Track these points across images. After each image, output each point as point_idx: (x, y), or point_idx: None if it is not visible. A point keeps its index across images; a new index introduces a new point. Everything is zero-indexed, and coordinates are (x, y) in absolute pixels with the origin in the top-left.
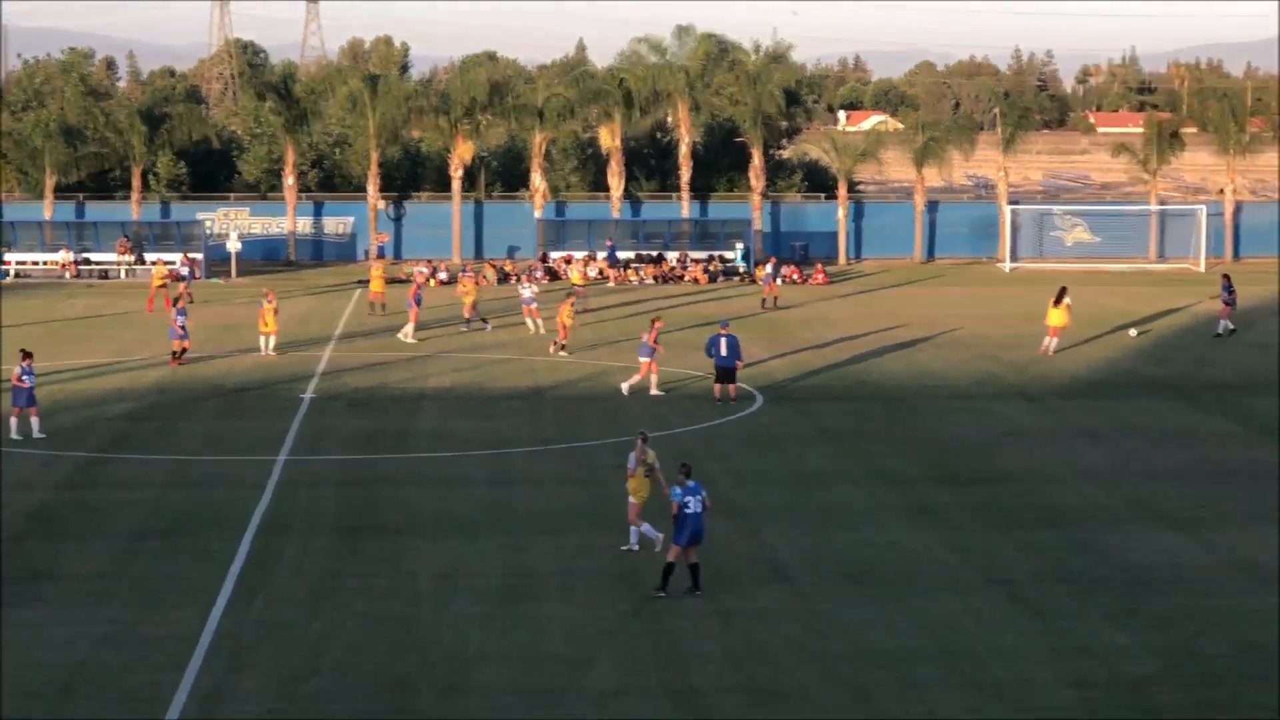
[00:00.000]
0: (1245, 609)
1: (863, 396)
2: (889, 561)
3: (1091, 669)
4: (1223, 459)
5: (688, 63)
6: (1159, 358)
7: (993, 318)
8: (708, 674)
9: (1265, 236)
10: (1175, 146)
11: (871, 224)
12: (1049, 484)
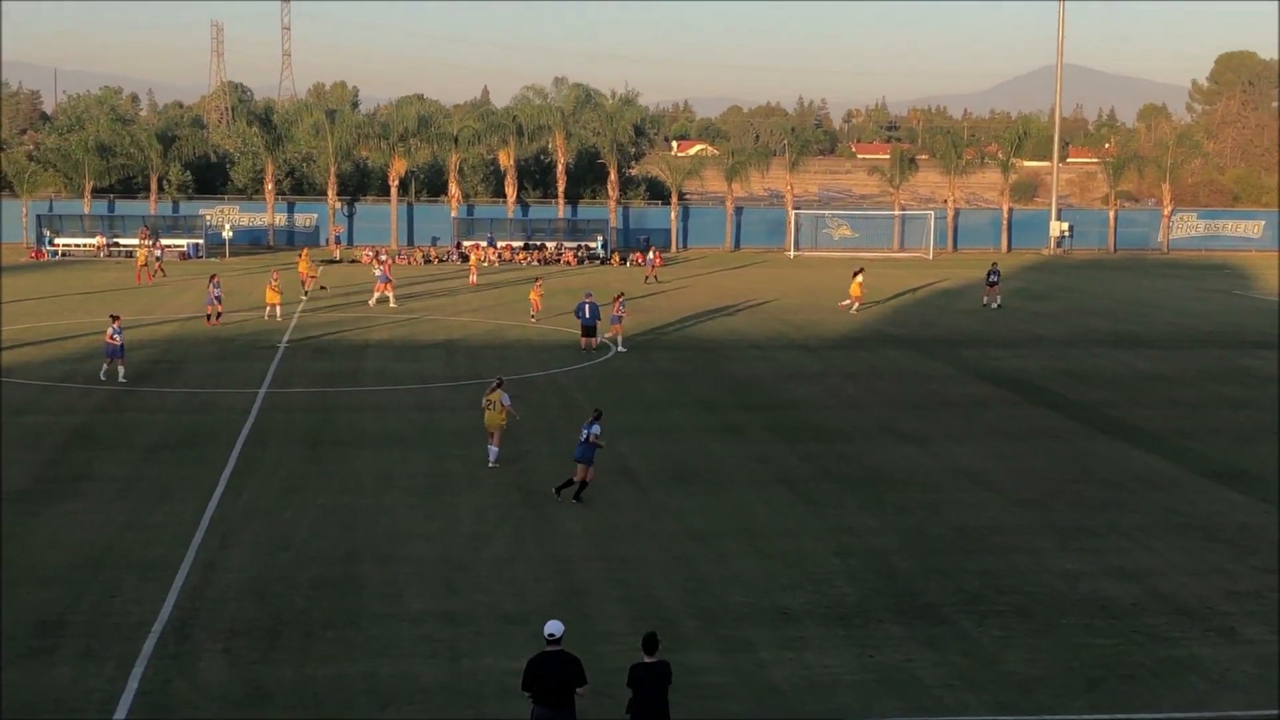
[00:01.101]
0: (960, 501)
1: (689, 347)
2: (706, 465)
3: (850, 543)
4: (944, 393)
5: (563, 104)
6: (899, 321)
7: (781, 291)
8: (575, 547)
9: (977, 234)
10: (912, 169)
11: (695, 223)
12: (820, 410)
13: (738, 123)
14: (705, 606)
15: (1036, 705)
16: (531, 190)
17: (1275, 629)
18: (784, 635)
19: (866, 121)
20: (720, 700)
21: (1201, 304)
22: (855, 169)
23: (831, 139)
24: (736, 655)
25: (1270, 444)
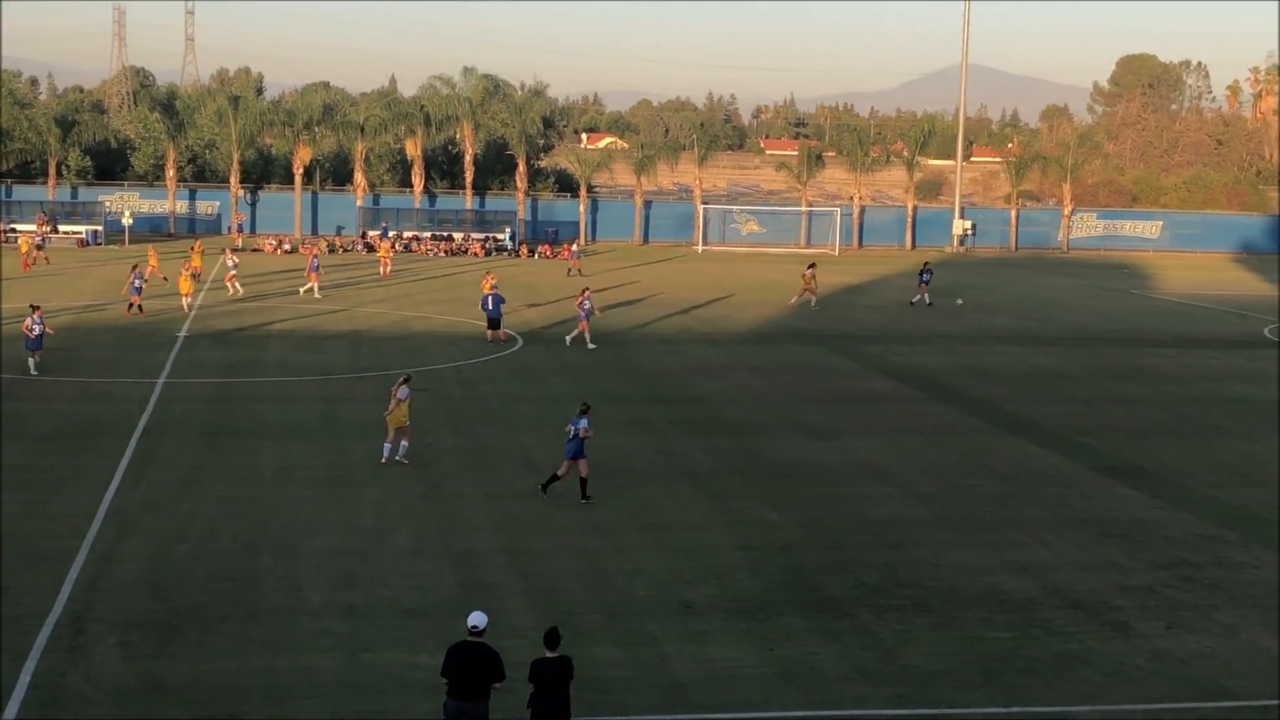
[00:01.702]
0: (862, 495)
1: (596, 341)
2: (611, 458)
3: (753, 536)
4: (847, 387)
5: (471, 95)
6: (805, 315)
7: (689, 285)
8: (478, 540)
9: (882, 231)
10: (820, 165)
11: (604, 216)
12: (726, 404)
13: (647, 116)
14: (608, 600)
15: (935, 698)
16: (439, 181)
17: (1168, 623)
18: (686, 629)
19: (775, 118)
20: (622, 694)
21: (1100, 303)
22: (763, 165)
23: (740, 135)
24: (639, 649)
25: (1165, 441)
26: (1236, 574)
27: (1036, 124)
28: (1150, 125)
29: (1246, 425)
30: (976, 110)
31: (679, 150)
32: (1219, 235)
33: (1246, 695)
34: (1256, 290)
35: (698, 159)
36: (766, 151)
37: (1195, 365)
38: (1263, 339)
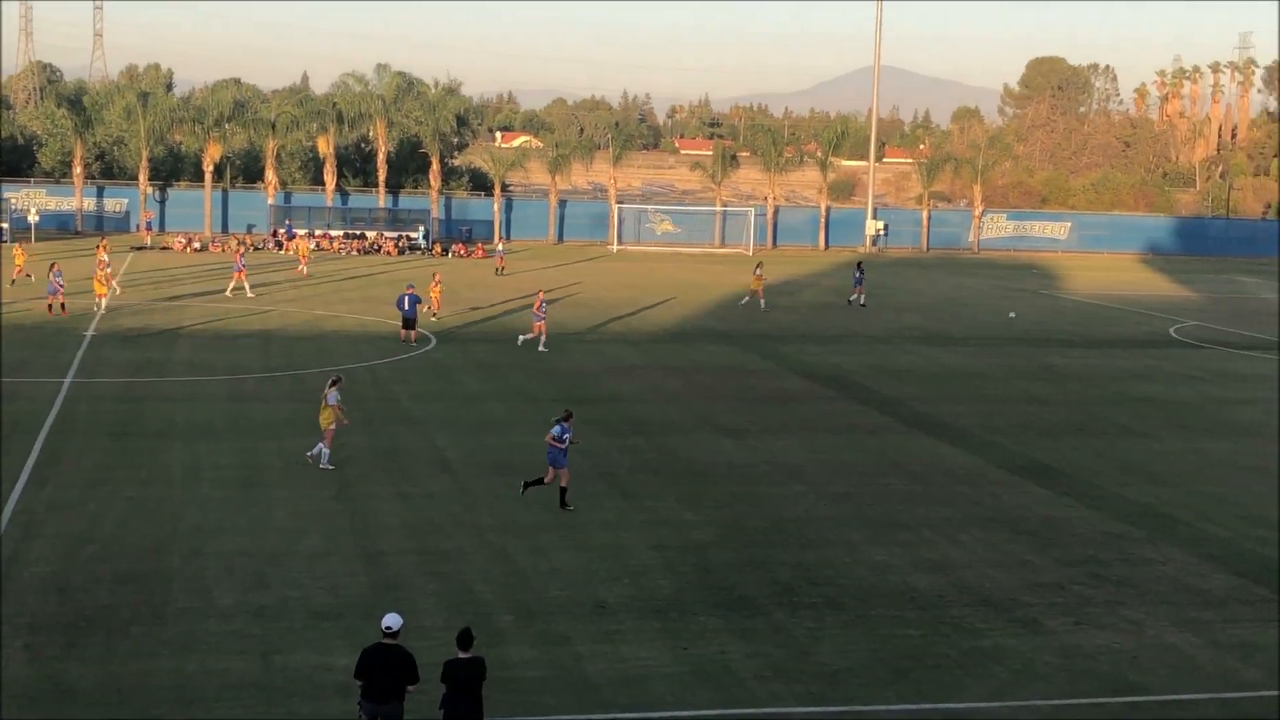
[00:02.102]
0: (775, 495)
1: (511, 340)
2: (525, 458)
3: (668, 536)
4: (762, 387)
5: (384, 92)
6: (720, 315)
7: (604, 285)
8: (390, 540)
9: (796, 231)
10: (734, 165)
11: (518, 214)
12: (641, 403)
13: (562, 115)
14: (522, 600)
15: (847, 696)
16: (351, 179)
17: (1076, 620)
18: (600, 629)
19: (689, 118)
20: (536, 694)
21: (1010, 303)
22: (678, 164)
23: (655, 134)
24: (553, 649)
25: (1073, 440)
26: (1143, 570)
27: (948, 126)
28: (1059, 127)
29: (1153, 425)
30: (889, 111)
31: (594, 149)
32: (1126, 236)
33: (1153, 690)
34: (1163, 291)
35: (612, 158)
36: (681, 151)
37: (1103, 365)
38: (1169, 339)
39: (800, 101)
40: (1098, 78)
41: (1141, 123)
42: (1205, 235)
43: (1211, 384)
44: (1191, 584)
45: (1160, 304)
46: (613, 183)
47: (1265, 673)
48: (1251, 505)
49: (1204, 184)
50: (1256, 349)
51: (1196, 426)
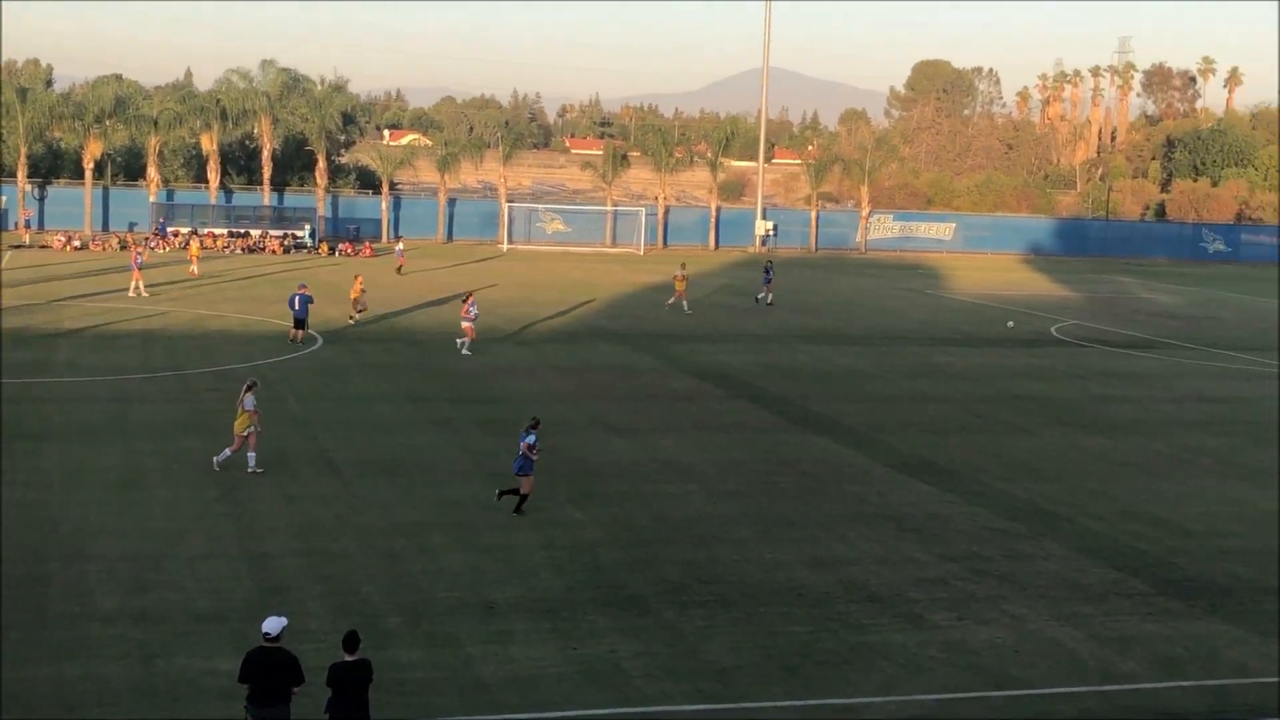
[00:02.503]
0: (664, 492)
1: (399, 340)
2: (414, 458)
3: (557, 535)
4: (652, 386)
5: (269, 89)
6: (611, 315)
7: (494, 284)
8: (275, 543)
9: (686, 231)
10: (625, 165)
11: (407, 213)
12: (531, 403)
13: (451, 113)
14: (410, 602)
15: (736, 693)
16: (236, 176)
17: (959, 615)
18: (489, 629)
19: (580, 117)
20: (424, 696)
21: (896, 302)
22: (569, 164)
23: (545, 133)
24: (441, 650)
25: (957, 437)
26: (1025, 566)
27: (836, 127)
28: (944, 129)
29: (1035, 421)
30: (778, 113)
31: (483, 148)
32: (1009, 237)
33: (1034, 683)
34: (1044, 290)
35: (502, 157)
36: (572, 150)
37: (986, 363)
38: (1050, 337)
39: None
40: (981, 81)
41: (1024, 125)
42: (1085, 236)
43: (1091, 382)
44: (1072, 578)
45: (1042, 303)
46: (503, 181)
47: (1143, 665)
48: (1130, 501)
49: (1084, 186)
50: (1134, 348)
51: (1076, 423)
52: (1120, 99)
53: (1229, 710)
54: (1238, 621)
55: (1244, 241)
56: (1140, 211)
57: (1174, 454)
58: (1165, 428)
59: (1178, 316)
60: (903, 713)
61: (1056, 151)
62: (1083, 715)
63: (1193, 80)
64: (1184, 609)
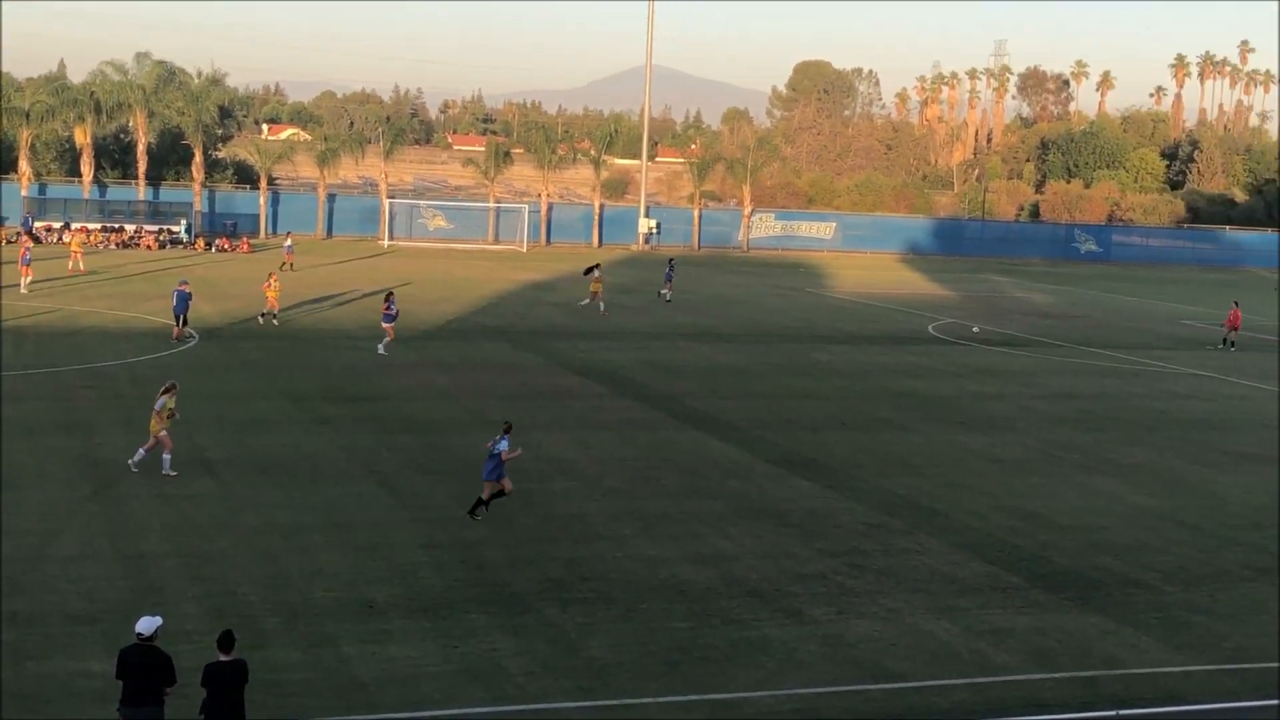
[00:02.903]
0: (548, 490)
1: (278, 337)
2: (292, 458)
3: (438, 533)
4: (534, 384)
5: (144, 82)
6: (493, 312)
7: (375, 281)
8: (150, 543)
9: (569, 229)
10: (507, 162)
11: (285, 209)
12: (412, 401)
13: (331, 108)
14: (288, 602)
15: (616, 690)
16: (110, 170)
17: (838, 609)
18: (368, 629)
19: (463, 113)
20: (302, 697)
21: (778, 301)
22: (451, 160)
23: (427, 129)
24: (319, 650)
25: (836, 433)
26: (902, 560)
27: (719, 126)
28: (825, 130)
29: (912, 418)
30: (661, 111)
31: (364, 143)
32: (888, 236)
33: (911, 676)
34: (921, 289)
35: (383, 152)
36: (454, 147)
37: (865, 361)
38: (927, 335)
39: (574, 99)
40: (861, 82)
41: (902, 126)
42: (962, 236)
43: (967, 379)
44: (948, 572)
45: (919, 302)
46: (384, 177)
47: (1016, 657)
48: (1004, 496)
49: (961, 186)
50: (1009, 345)
51: (952, 420)
52: (996, 101)
53: (1099, 701)
54: (1108, 614)
55: (1115, 242)
56: (1015, 212)
57: (1046, 450)
58: (1038, 424)
59: (1051, 315)
60: (781, 707)
61: (934, 152)
62: (957, 707)
63: (1066, 83)
64: (1056, 602)
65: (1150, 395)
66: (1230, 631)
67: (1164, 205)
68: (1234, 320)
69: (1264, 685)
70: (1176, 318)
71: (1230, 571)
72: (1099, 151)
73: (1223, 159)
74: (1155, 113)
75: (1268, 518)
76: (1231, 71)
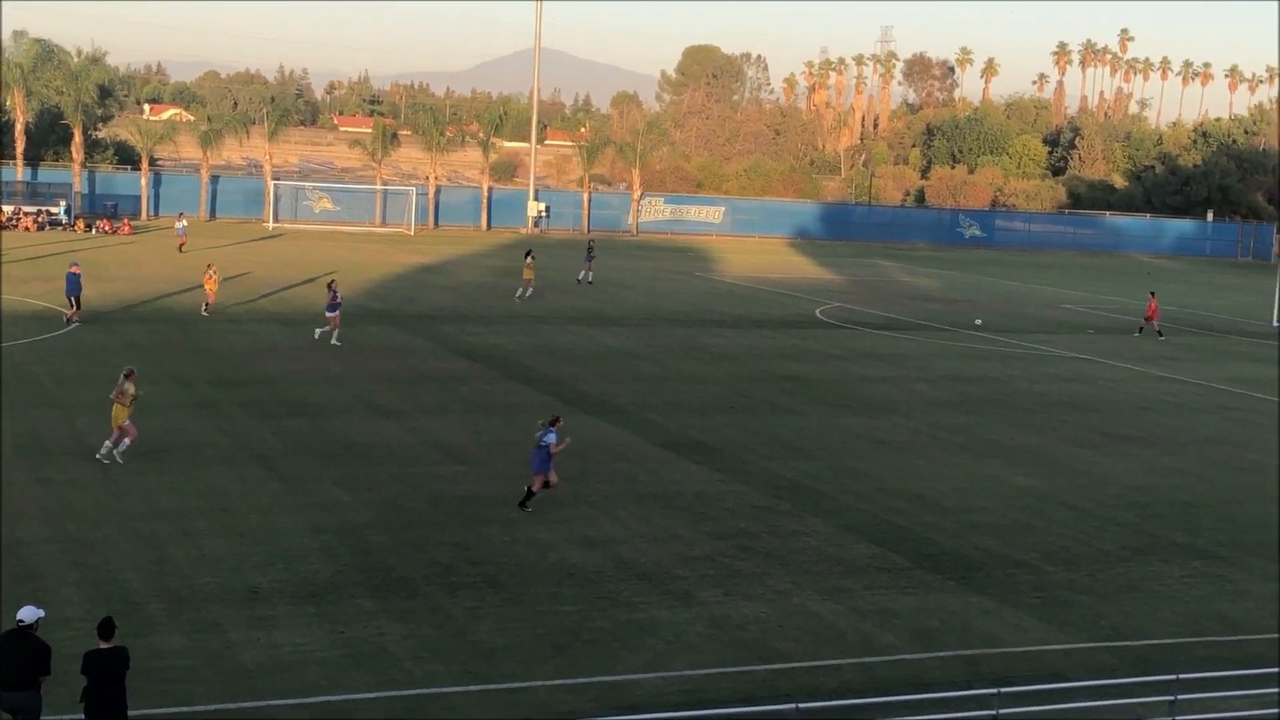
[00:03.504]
0: (435, 475)
1: (161, 320)
2: (176, 443)
3: (325, 518)
4: (422, 368)
5: (22, 60)
6: (381, 295)
7: (260, 264)
8: (29, 529)
9: (458, 212)
10: (395, 144)
11: (168, 190)
12: (298, 385)
13: (215, 88)
14: (171, 588)
15: (505, 673)
16: None
17: (725, 591)
18: (253, 615)
19: (349, 94)
20: (186, 684)
21: (667, 285)
22: (337, 141)
23: (313, 110)
24: (203, 637)
25: (724, 417)
26: (789, 542)
27: (608, 110)
28: (714, 114)
29: (798, 401)
30: (551, 94)
31: (248, 124)
32: (776, 221)
33: (797, 657)
34: (809, 274)
35: (268, 133)
36: (341, 128)
37: (753, 345)
38: (815, 319)
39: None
40: (750, 67)
41: (790, 112)
42: (849, 221)
43: (853, 363)
44: (834, 554)
45: (807, 286)
46: (268, 159)
47: (901, 637)
48: (888, 478)
49: (848, 171)
50: (894, 329)
51: (838, 403)
52: (882, 87)
53: (980, 679)
54: (989, 593)
55: (998, 227)
56: (901, 197)
57: (930, 432)
58: (922, 407)
59: (935, 299)
60: (669, 688)
61: (822, 138)
62: (843, 687)
63: (951, 70)
64: (939, 582)
65: (1032, 378)
66: (1109, 610)
67: (1046, 191)
68: (1152, 311)
69: (1141, 662)
70: (1057, 302)
71: (1109, 552)
72: (983, 138)
73: (1103, 146)
74: (1038, 100)
75: (1145, 498)
76: (1112, 59)
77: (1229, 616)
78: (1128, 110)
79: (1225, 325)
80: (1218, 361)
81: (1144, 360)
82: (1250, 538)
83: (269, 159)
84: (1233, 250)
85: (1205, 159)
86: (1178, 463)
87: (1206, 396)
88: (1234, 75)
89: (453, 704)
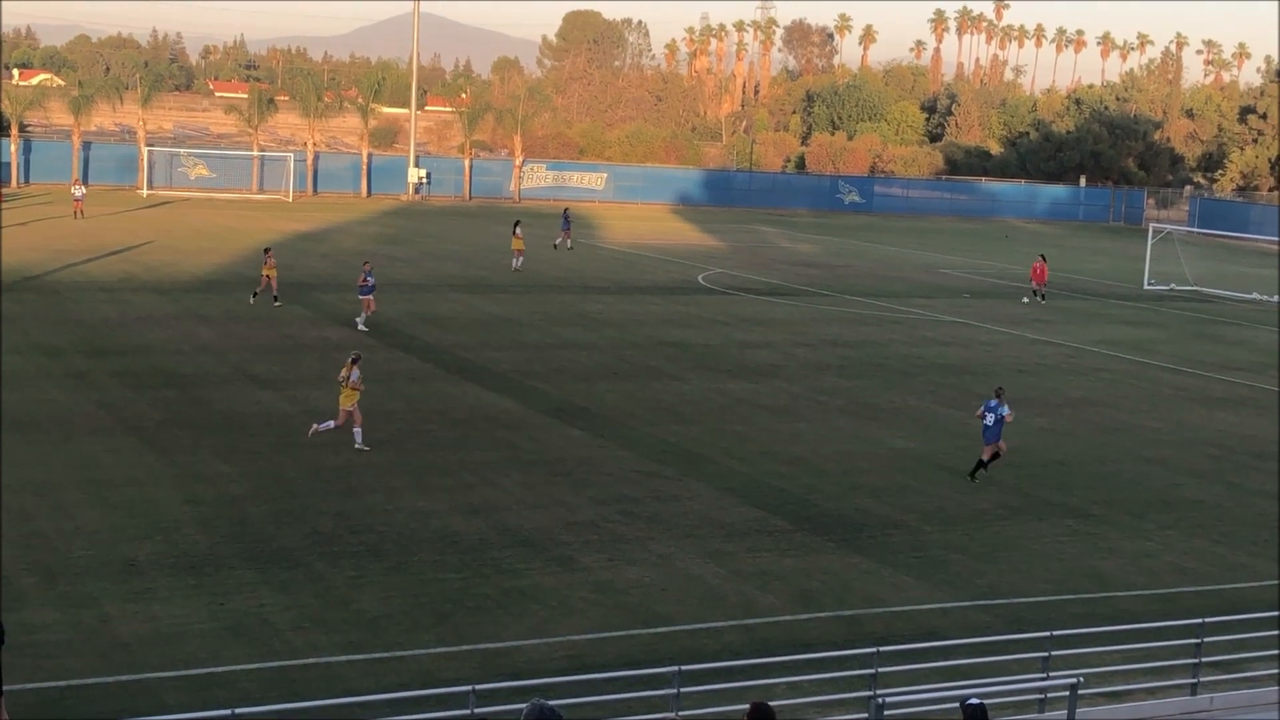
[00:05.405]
0: (314, 443)
1: (27, 289)
2: (46, 414)
3: (202, 490)
4: (300, 336)
5: None
6: (258, 262)
7: (132, 232)
8: None
9: (337, 179)
10: (271, 109)
11: (38, 157)
12: (172, 354)
13: (86, 53)
14: (45, 562)
15: (387, 642)
16: None
17: (609, 556)
18: (130, 588)
19: (225, 59)
20: (61, 658)
21: (549, 252)
22: (213, 107)
23: (188, 75)
24: (78, 610)
25: (607, 383)
26: (672, 506)
27: (489, 76)
28: (595, 80)
29: (681, 367)
30: (430, 59)
31: (121, 90)
32: (658, 188)
33: (680, 620)
34: (691, 239)
35: (141, 99)
36: (216, 94)
37: (635, 311)
38: (697, 285)
39: (340, 46)
40: (631, 33)
41: (672, 78)
42: (730, 187)
43: (734, 328)
44: (716, 518)
45: (689, 252)
46: (142, 125)
47: (782, 599)
48: (770, 442)
49: (729, 138)
50: (774, 294)
51: (720, 368)
52: (763, 54)
53: (860, 639)
54: (868, 554)
55: (877, 193)
56: (782, 163)
57: (810, 396)
58: (802, 371)
59: (816, 265)
60: (554, 654)
61: (703, 104)
62: (725, 649)
63: (830, 37)
64: (819, 544)
65: (910, 342)
66: (985, 569)
67: (923, 157)
68: (1039, 273)
69: (1016, 619)
70: (934, 266)
71: (986, 511)
72: (862, 104)
73: (979, 112)
74: (915, 67)
75: (1020, 458)
76: (988, 27)
77: (1100, 573)
78: (1003, 77)
79: (1098, 289)
80: (1091, 324)
81: (1019, 323)
82: (1120, 496)
83: (142, 125)
84: (1105, 215)
85: (1078, 125)
86: (1051, 423)
87: (1079, 358)
88: (1106, 42)
89: (335, 673)
